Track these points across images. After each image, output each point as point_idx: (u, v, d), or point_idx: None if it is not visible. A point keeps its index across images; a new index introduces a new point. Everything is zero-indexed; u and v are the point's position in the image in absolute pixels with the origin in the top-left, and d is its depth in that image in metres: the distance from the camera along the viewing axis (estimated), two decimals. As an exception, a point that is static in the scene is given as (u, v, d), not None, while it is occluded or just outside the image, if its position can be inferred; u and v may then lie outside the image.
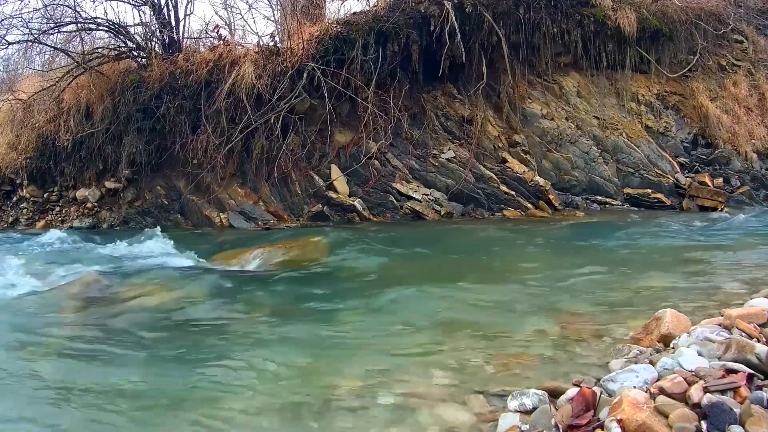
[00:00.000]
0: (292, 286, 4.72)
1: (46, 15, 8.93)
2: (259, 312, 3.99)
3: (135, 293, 4.51)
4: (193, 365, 2.96)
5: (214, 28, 9.53)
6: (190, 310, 4.10)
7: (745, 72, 9.70)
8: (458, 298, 4.04)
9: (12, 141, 9.38)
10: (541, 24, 8.69)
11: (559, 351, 2.78)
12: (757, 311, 2.40)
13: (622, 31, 8.80)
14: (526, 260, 5.40)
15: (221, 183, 8.43)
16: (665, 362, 2.09)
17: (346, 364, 2.84)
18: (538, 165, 8.70)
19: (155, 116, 8.36)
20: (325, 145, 8.44)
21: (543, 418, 1.97)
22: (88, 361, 3.12)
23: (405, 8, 8.38)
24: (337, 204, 8.18)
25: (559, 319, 3.29)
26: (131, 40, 9.41)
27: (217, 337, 3.45)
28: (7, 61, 11.40)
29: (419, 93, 8.83)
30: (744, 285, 3.75)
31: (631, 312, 3.34)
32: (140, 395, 2.60)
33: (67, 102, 8.92)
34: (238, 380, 2.70)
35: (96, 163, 8.85)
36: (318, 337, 3.35)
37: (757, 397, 1.78)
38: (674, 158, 8.87)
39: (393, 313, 3.74)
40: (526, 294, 4.01)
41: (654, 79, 9.31)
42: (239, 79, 8.06)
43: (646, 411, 1.76)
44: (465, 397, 2.33)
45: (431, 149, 8.55)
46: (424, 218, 8.01)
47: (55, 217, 9.24)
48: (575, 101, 9.08)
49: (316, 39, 8.25)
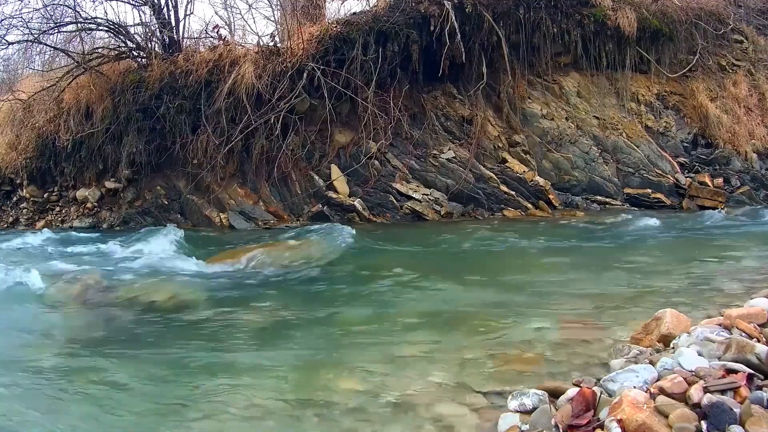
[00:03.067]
0: (293, 286, 4.73)
1: (46, 15, 8.93)
2: (259, 312, 4.00)
3: (135, 293, 4.51)
4: (194, 365, 2.96)
5: (214, 28, 9.53)
6: (190, 309, 4.11)
7: (745, 72, 9.69)
8: (458, 298, 4.05)
9: (12, 141, 9.37)
10: (541, 24, 8.69)
11: (559, 351, 2.78)
12: (757, 311, 2.41)
13: (622, 31, 8.79)
14: (526, 260, 5.40)
15: (221, 183, 8.43)
16: (665, 362, 2.09)
17: (346, 363, 2.85)
18: (538, 165, 8.70)
19: (155, 116, 8.35)
20: (325, 145, 8.44)
21: (543, 418, 1.97)
22: (88, 360, 3.13)
23: (405, 8, 8.39)
24: (337, 204, 8.18)
25: (559, 319, 3.29)
26: (131, 40, 9.41)
27: (217, 337, 3.45)
28: (7, 61, 11.41)
29: (419, 93, 8.83)
30: (744, 285, 3.75)
31: (631, 312, 3.35)
32: (140, 395, 2.60)
33: (67, 102, 8.91)
34: (239, 380, 2.71)
35: (96, 163, 8.85)
36: (318, 336, 3.36)
37: (757, 397, 1.78)
38: (674, 158, 8.87)
39: (393, 313, 3.74)
40: (526, 294, 4.02)
41: (654, 79, 9.31)
42: (239, 79, 8.06)
43: (646, 411, 1.76)
44: (465, 397, 2.33)
45: (431, 149, 8.54)
46: (424, 218, 8.01)
47: (55, 217, 9.24)
48: (575, 101, 9.08)
49: (316, 39, 8.25)
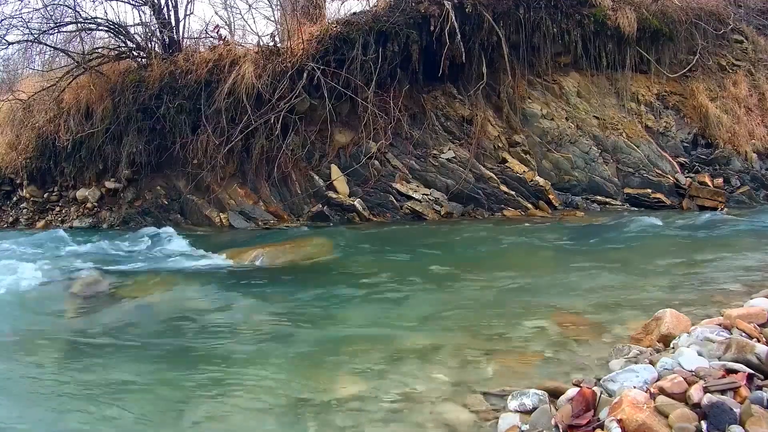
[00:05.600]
0: (293, 287, 4.73)
1: (46, 15, 8.92)
2: (259, 312, 4.00)
3: (135, 293, 4.52)
4: (194, 365, 2.96)
5: (214, 28, 9.53)
6: (190, 310, 4.11)
7: (745, 72, 9.69)
8: (458, 297, 4.05)
9: (12, 141, 9.37)
10: (541, 24, 8.69)
11: (559, 351, 2.78)
12: (757, 311, 2.41)
13: (622, 31, 8.79)
14: (526, 260, 5.40)
15: (221, 183, 8.42)
16: (665, 362, 2.09)
17: (346, 363, 2.85)
18: (538, 165, 8.70)
19: (155, 116, 8.35)
20: (325, 145, 8.44)
21: (543, 418, 1.97)
22: (89, 359, 3.13)
23: (405, 8, 8.38)
24: (337, 204, 8.18)
25: (559, 319, 3.29)
26: (131, 40, 9.41)
27: (217, 337, 3.45)
28: (7, 61, 11.40)
29: (419, 93, 8.83)
30: (744, 285, 3.75)
31: (631, 312, 3.35)
32: (141, 394, 2.60)
33: (67, 102, 8.91)
34: (239, 379, 2.71)
35: (96, 163, 8.84)
36: (318, 336, 3.36)
37: (757, 397, 1.78)
38: (674, 158, 8.87)
39: (393, 313, 3.75)
40: (526, 294, 4.02)
41: (654, 79, 9.30)
42: (239, 79, 8.05)
43: (646, 411, 1.76)
44: (465, 397, 2.33)
45: (431, 149, 8.54)
46: (424, 218, 8.01)
47: (55, 217, 9.24)
48: (575, 101, 9.08)
49: (316, 39, 8.24)
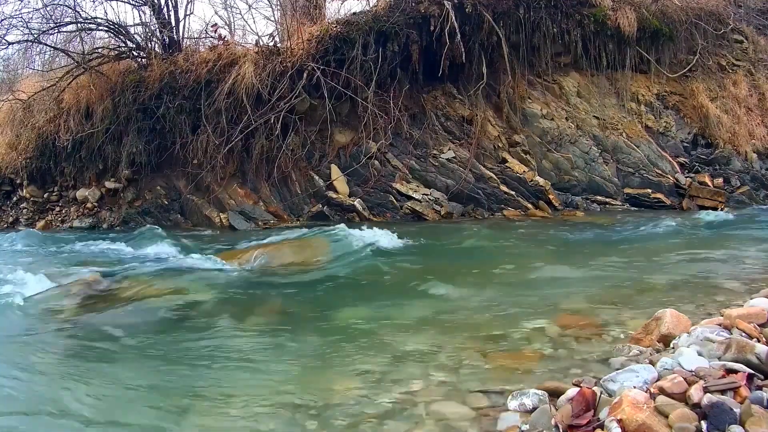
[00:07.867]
0: (292, 287, 4.72)
1: (46, 15, 8.94)
2: (259, 312, 4.00)
3: (135, 294, 4.51)
4: (194, 365, 2.96)
5: (214, 27, 9.54)
6: (190, 310, 4.10)
7: (745, 72, 9.70)
8: (458, 297, 4.05)
9: (12, 141, 9.38)
10: (541, 24, 8.69)
11: (559, 350, 2.78)
12: (757, 311, 2.40)
13: (622, 31, 8.80)
14: (526, 260, 5.39)
15: (221, 183, 8.43)
16: (665, 362, 2.09)
17: (346, 363, 2.85)
18: (538, 165, 8.70)
19: (155, 116, 8.36)
20: (325, 145, 8.44)
21: (543, 418, 1.97)
22: (89, 360, 3.12)
23: (405, 8, 8.39)
24: (337, 204, 8.18)
25: (559, 319, 3.29)
26: (131, 40, 9.41)
27: (217, 337, 3.45)
28: (7, 61, 11.42)
29: (419, 93, 8.83)
30: (744, 285, 3.75)
31: (631, 312, 3.34)
32: (141, 395, 2.60)
33: (67, 102, 8.92)
34: (239, 380, 2.71)
35: (96, 163, 8.85)
36: (318, 336, 3.36)
37: (757, 397, 1.78)
38: (674, 158, 8.87)
39: (393, 313, 3.74)
40: (526, 293, 4.02)
41: (654, 79, 9.31)
42: (239, 79, 8.06)
43: (646, 411, 1.76)
44: (465, 397, 2.33)
45: (431, 149, 8.54)
46: (424, 218, 8.00)
47: (55, 217, 9.24)
48: (575, 101, 9.08)
49: (316, 39, 8.25)
